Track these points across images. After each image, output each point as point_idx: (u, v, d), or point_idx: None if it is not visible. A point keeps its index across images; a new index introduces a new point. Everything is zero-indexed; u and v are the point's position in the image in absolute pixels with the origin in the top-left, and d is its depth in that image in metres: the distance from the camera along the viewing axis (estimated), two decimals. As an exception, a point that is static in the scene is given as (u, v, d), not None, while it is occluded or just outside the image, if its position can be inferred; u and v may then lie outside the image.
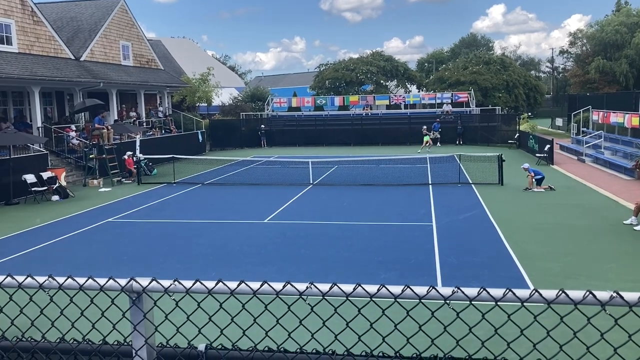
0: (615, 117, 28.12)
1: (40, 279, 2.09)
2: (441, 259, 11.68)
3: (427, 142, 35.08)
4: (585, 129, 33.72)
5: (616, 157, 25.86)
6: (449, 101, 45.30)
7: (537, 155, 28.25)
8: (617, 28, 53.04)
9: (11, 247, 13.49)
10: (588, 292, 1.75)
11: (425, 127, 36.51)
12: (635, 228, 13.75)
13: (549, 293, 1.77)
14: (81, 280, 2.08)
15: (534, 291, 1.78)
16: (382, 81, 57.89)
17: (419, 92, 57.60)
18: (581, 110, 36.16)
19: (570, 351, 1.92)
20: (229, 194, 20.99)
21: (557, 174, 23.80)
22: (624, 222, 14.37)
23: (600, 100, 36.24)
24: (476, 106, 44.89)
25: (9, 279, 2.11)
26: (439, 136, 38.63)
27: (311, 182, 22.72)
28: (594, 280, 10.05)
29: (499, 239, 13.23)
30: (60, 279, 2.09)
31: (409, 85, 60.60)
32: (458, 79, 52.07)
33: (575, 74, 59.69)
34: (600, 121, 30.66)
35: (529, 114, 50.48)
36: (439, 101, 46.36)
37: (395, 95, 50.37)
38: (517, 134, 35.86)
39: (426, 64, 77.95)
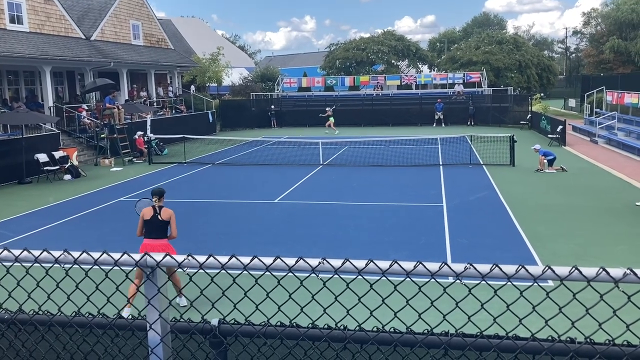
0: (630, 98, 27.75)
1: (56, 254, 2.12)
2: (451, 239, 11.68)
3: (329, 123, 36.27)
4: (598, 110, 33.34)
5: (630, 138, 25.58)
6: (461, 81, 44.91)
7: (550, 136, 28.01)
8: (633, 7, 52.00)
9: (25, 226, 13.66)
10: (601, 269, 1.74)
11: (328, 107, 37.61)
12: (648, 210, 13.66)
13: (562, 270, 1.77)
14: (96, 255, 2.11)
15: (546, 268, 1.78)
16: (393, 61, 57.44)
17: (430, 72, 57.12)
18: (595, 90, 35.69)
19: (582, 328, 1.92)
20: (240, 174, 21.05)
21: (569, 155, 23.61)
22: (637, 203, 14.27)
23: (614, 81, 35.79)
24: (488, 86, 44.47)
25: (25, 253, 2.14)
26: (442, 117, 38.53)
27: (321, 162, 22.71)
28: (605, 262, 10.01)
29: (509, 220, 13.20)
30: (76, 254, 2.11)
31: (420, 65, 60.09)
32: (470, 59, 51.54)
33: (589, 54, 58.80)
34: (614, 102, 30.28)
35: (542, 94, 50.04)
36: (450, 81, 45.96)
37: (407, 76, 49.99)
38: (530, 115, 35.53)
39: (438, 44, 77.17)
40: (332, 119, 36.48)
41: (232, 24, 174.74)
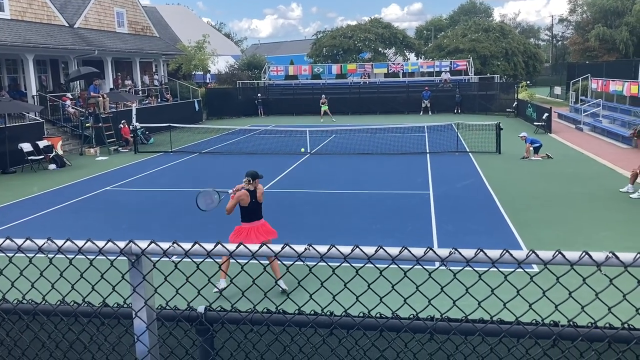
0: (615, 86, 27.97)
1: (40, 242, 2.10)
2: (438, 226, 11.75)
3: (324, 111, 36.75)
4: (583, 98, 33.57)
5: (614, 125, 25.81)
6: (448, 69, 44.95)
7: (535, 123, 28.18)
8: (618, -6, 52.34)
9: (9, 216, 13.52)
10: (584, 253, 1.76)
11: (324, 95, 38.11)
12: (632, 196, 13.82)
13: (546, 254, 1.79)
14: (80, 243, 2.09)
15: (530, 252, 1.79)
16: (380, 49, 57.28)
17: (417, 60, 57.09)
18: (580, 78, 35.93)
19: (565, 311, 1.94)
20: (226, 163, 20.97)
21: (555, 143, 23.79)
22: (620, 190, 14.43)
23: (599, 69, 35.99)
24: (475, 74, 44.57)
25: (8, 241, 2.12)
26: (429, 105, 38.61)
27: (308, 151, 22.68)
28: (590, 248, 9.98)
29: (495, 207, 13.29)
30: (59, 242, 2.09)
31: (407, 53, 60.02)
32: (457, 47, 51.55)
33: (575, 42, 59.14)
34: (599, 89, 30.50)
35: (528, 82, 50.22)
36: (437, 69, 45.99)
37: (394, 64, 49.91)
38: (516, 103, 35.72)
39: (425, 32, 77.05)
40: (325, 107, 36.97)
41: (217, 11, 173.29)
